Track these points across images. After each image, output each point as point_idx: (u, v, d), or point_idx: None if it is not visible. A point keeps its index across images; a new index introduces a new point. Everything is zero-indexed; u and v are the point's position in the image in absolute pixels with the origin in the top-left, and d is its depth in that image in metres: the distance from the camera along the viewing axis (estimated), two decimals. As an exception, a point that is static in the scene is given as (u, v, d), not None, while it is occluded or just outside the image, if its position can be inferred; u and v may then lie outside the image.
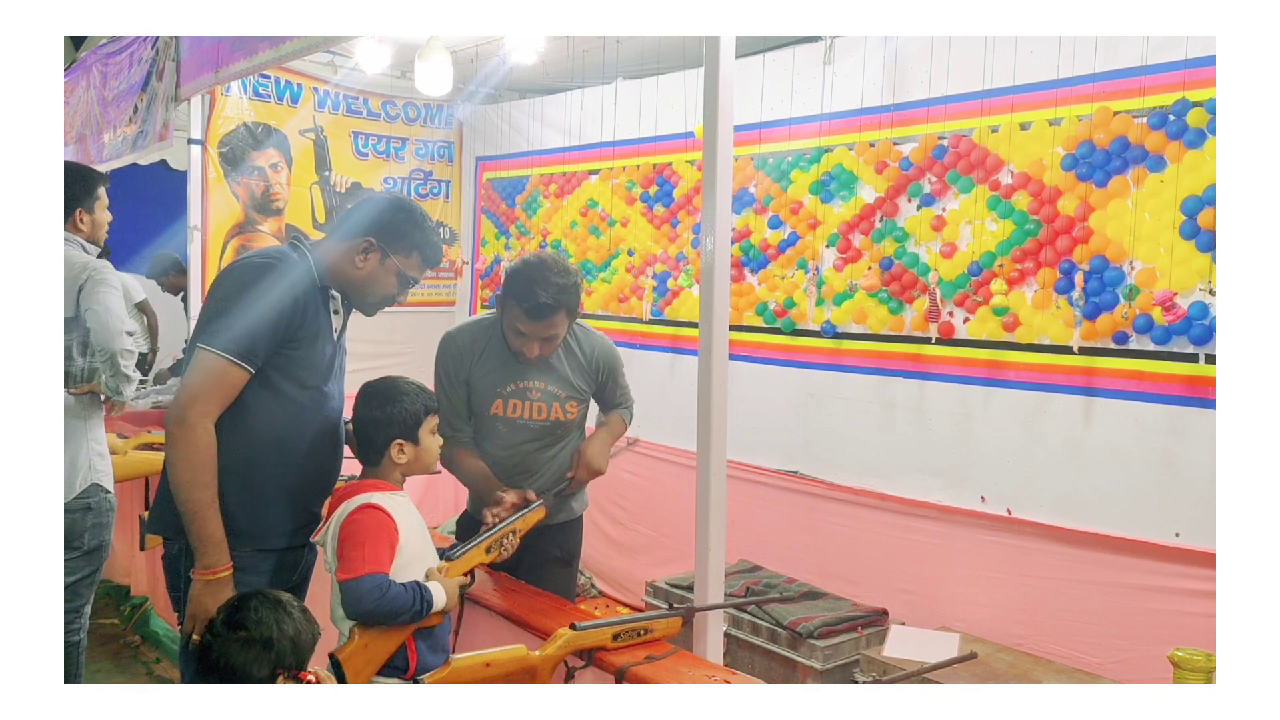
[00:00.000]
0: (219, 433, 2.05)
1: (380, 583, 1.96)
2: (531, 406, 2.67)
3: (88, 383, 2.98)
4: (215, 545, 2.02)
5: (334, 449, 2.30)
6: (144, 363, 6.90)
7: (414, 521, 2.13)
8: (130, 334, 3.08)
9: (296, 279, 2.14)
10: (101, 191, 3.16)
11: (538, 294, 2.45)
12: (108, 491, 3.06)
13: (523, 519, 2.42)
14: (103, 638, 4.14)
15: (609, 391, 2.87)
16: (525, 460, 2.73)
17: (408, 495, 2.19)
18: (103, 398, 3.07)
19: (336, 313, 2.27)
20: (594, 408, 2.93)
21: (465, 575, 2.23)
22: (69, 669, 2.97)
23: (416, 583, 2.04)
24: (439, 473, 2.63)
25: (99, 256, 3.09)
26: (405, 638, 2.03)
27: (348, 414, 2.46)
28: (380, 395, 2.15)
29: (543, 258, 2.58)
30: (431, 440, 2.18)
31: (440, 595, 2.06)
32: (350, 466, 2.31)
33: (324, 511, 2.18)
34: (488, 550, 2.30)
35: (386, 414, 2.12)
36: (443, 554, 2.23)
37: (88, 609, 3.11)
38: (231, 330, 2.03)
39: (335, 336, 2.26)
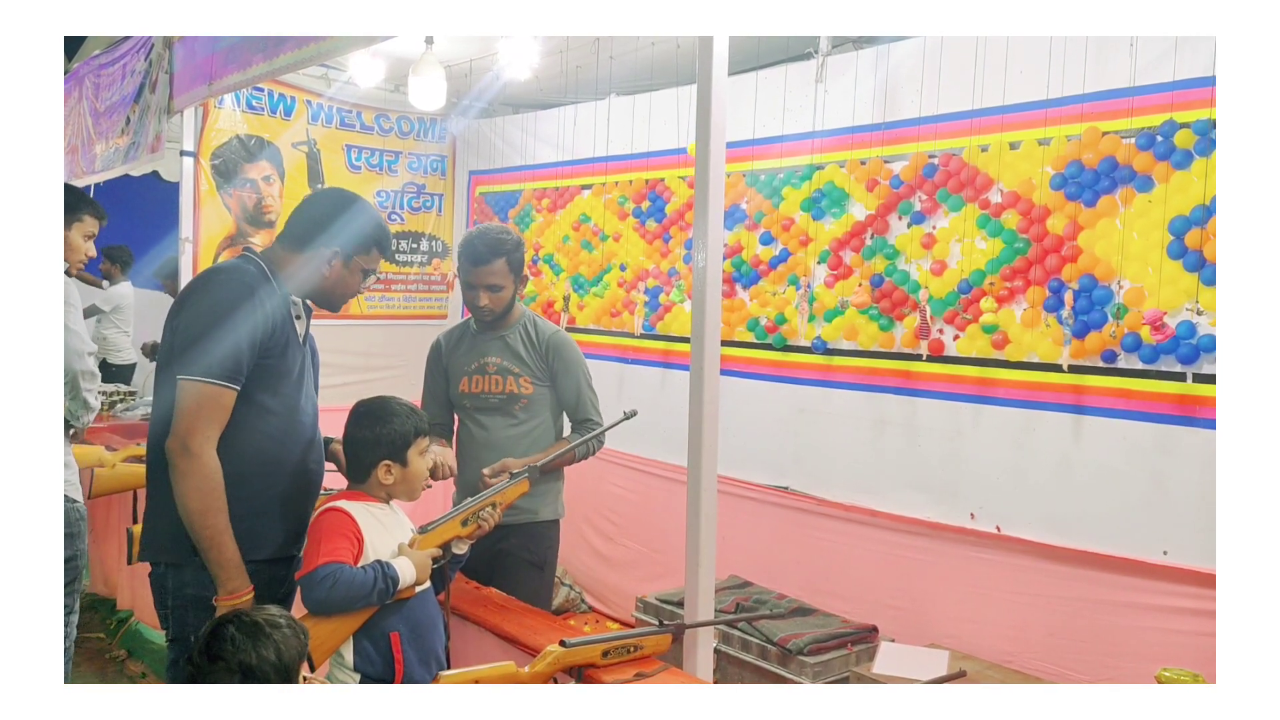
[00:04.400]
0: None
1: (331, 570, 1.96)
2: (489, 380, 3.00)
3: None
4: (236, 569, 2.02)
5: (315, 453, 2.29)
6: (128, 374, 6.88)
7: (391, 533, 2.12)
8: (91, 354, 3.05)
9: (261, 291, 2.14)
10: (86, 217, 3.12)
11: (479, 245, 2.93)
12: (75, 501, 3.03)
13: (502, 492, 2.43)
14: (88, 652, 4.11)
15: (567, 390, 3.00)
16: (493, 437, 2.97)
17: (395, 509, 2.18)
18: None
19: (299, 318, 2.27)
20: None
21: (439, 549, 2.20)
22: None
23: (379, 561, 2.03)
24: (429, 486, 2.64)
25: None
26: (363, 612, 2.02)
27: (325, 426, 2.46)
28: (370, 415, 2.15)
29: (485, 225, 3.21)
30: (420, 462, 2.17)
31: (408, 570, 2.05)
32: (334, 479, 2.31)
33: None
34: (464, 523, 2.29)
35: (375, 434, 2.12)
36: (423, 530, 2.22)
37: (73, 619, 3.09)
38: (211, 354, 2.02)
39: (301, 341, 2.27)
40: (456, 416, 3.13)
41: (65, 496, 2.98)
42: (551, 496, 3.04)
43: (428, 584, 2.16)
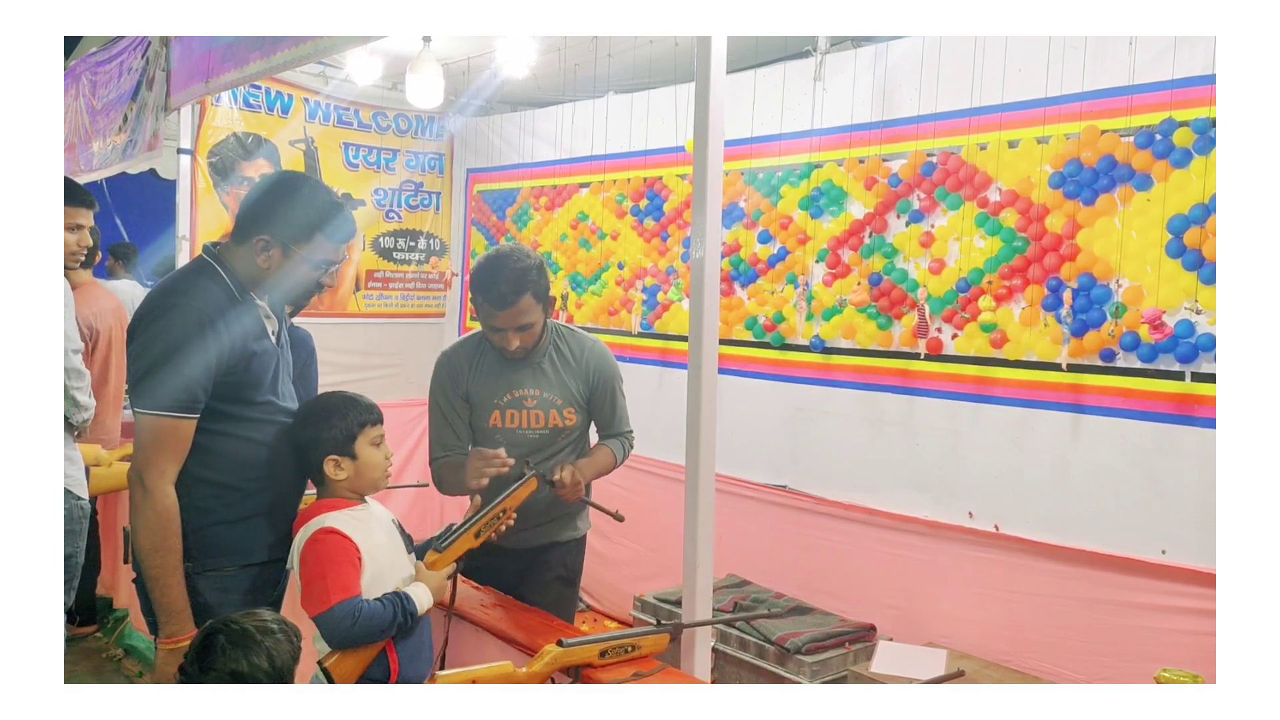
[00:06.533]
0: (191, 468, 2.02)
1: (352, 608, 1.94)
2: (528, 415, 2.64)
3: None
4: (178, 614, 1.98)
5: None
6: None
7: (378, 532, 2.11)
8: (77, 351, 3.02)
9: (211, 306, 2.02)
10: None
11: (499, 284, 2.48)
12: (79, 498, 3.01)
13: (512, 495, 2.32)
14: (85, 651, 4.10)
15: (603, 406, 2.76)
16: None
17: (370, 504, 2.17)
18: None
19: (268, 317, 2.17)
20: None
21: (455, 564, 2.19)
22: None
23: (396, 593, 2.02)
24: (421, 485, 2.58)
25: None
26: (388, 636, 2.03)
27: None
28: (311, 415, 2.13)
29: (500, 250, 2.61)
30: (372, 453, 2.12)
31: (424, 597, 2.06)
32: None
33: (294, 529, 2.16)
34: (477, 534, 2.25)
35: (314, 435, 2.09)
36: (432, 543, 2.21)
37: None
38: (163, 386, 1.96)
39: (275, 340, 2.17)
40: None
41: (70, 492, 2.97)
42: (586, 510, 2.90)
43: None
